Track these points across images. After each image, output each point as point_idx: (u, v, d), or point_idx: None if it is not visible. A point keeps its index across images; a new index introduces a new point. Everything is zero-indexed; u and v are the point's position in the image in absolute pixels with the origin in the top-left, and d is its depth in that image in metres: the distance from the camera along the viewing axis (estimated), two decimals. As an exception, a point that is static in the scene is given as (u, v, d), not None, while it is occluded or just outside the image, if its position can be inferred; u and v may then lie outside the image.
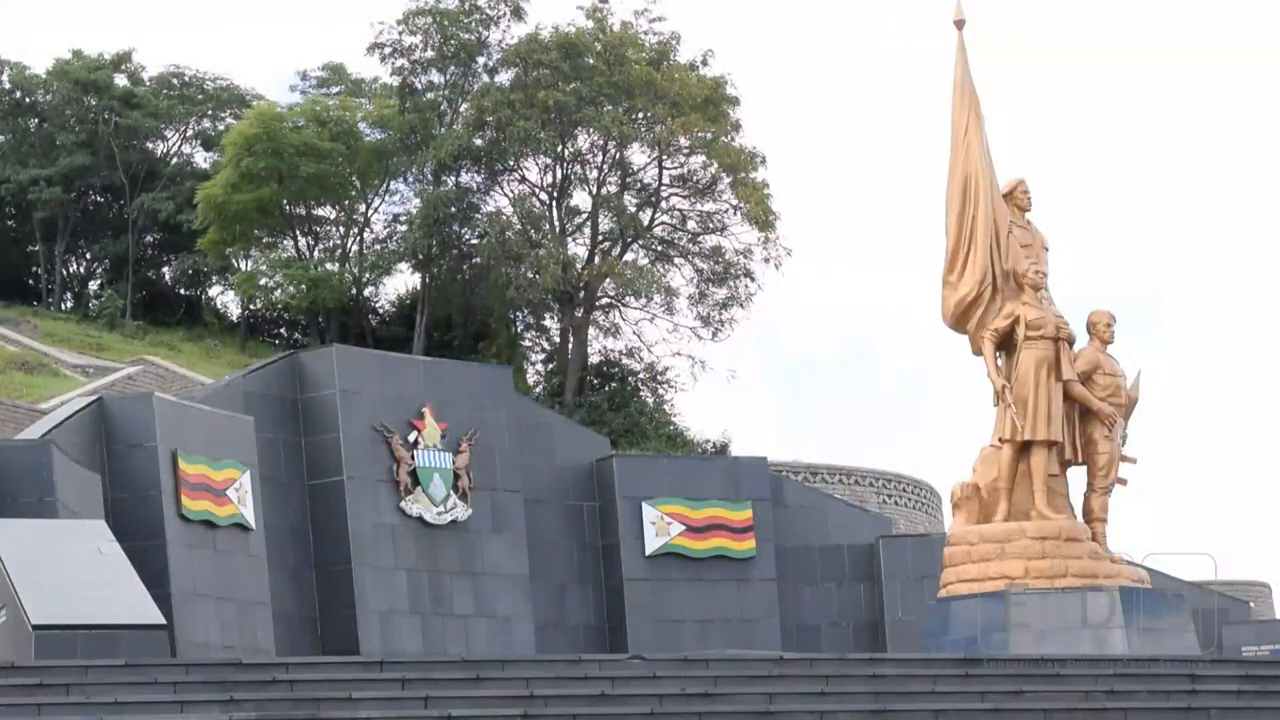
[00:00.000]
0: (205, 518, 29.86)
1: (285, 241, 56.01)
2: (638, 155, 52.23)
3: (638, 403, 51.53)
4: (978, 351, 25.83)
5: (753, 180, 51.26)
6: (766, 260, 51.82)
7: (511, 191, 52.56)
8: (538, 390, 52.04)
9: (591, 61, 51.13)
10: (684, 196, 52.49)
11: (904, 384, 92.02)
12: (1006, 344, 25.57)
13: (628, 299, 51.88)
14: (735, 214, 51.77)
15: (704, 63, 52.52)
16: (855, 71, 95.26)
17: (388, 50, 52.51)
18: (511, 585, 34.63)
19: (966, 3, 26.44)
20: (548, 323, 54.20)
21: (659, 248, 52.34)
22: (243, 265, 56.27)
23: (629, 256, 51.68)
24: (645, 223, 51.96)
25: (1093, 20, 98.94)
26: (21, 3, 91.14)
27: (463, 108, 52.71)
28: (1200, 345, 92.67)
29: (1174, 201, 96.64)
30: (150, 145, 61.68)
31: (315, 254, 55.64)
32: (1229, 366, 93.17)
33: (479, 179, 52.62)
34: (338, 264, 54.98)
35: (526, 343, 55.12)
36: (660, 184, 52.25)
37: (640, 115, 51.12)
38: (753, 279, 51.99)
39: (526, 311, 53.44)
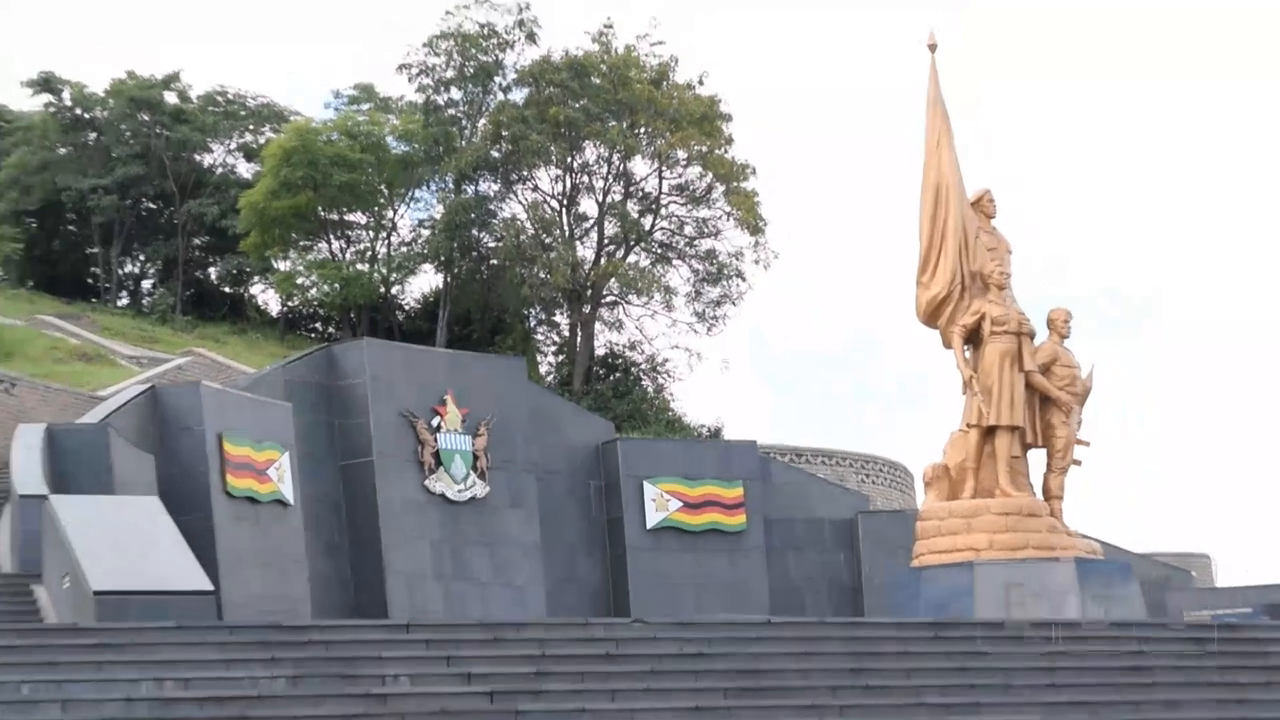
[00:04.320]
0: (248, 494, 29.97)
1: (320, 244, 56.02)
2: (640, 166, 52.34)
3: (639, 391, 51.63)
4: (948, 345, 25.88)
5: (744, 189, 51.32)
6: (756, 262, 51.95)
7: (525, 199, 52.63)
8: (549, 379, 52.11)
9: (598, 81, 51.19)
10: (681, 204, 52.56)
11: (881, 374, 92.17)
12: (974, 338, 25.62)
13: (630, 297, 51.98)
14: (728, 220, 51.88)
15: (700, 82, 52.58)
16: (837, 90, 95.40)
17: (414, 70, 52.56)
18: (526, 554, 34.76)
19: (938, 29, 26.59)
20: (558, 318, 54.29)
21: (659, 250, 52.42)
22: (281, 266, 56.26)
23: (632, 258, 51.75)
24: (646, 228, 52.03)
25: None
26: (82, 28, 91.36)
27: (481, 123, 52.74)
28: (1163, 342, 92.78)
29: (1141, 205, 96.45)
30: (198, 157, 61.65)
31: (347, 255, 55.64)
32: (1181, 362, 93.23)
33: (496, 187, 52.67)
34: (367, 265, 54.99)
35: (539, 336, 55.18)
36: (660, 193, 52.32)
37: (642, 130, 51.19)
38: (744, 279, 52.13)
39: (539, 308, 53.51)
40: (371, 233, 56.24)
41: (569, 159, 51.67)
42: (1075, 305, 26.47)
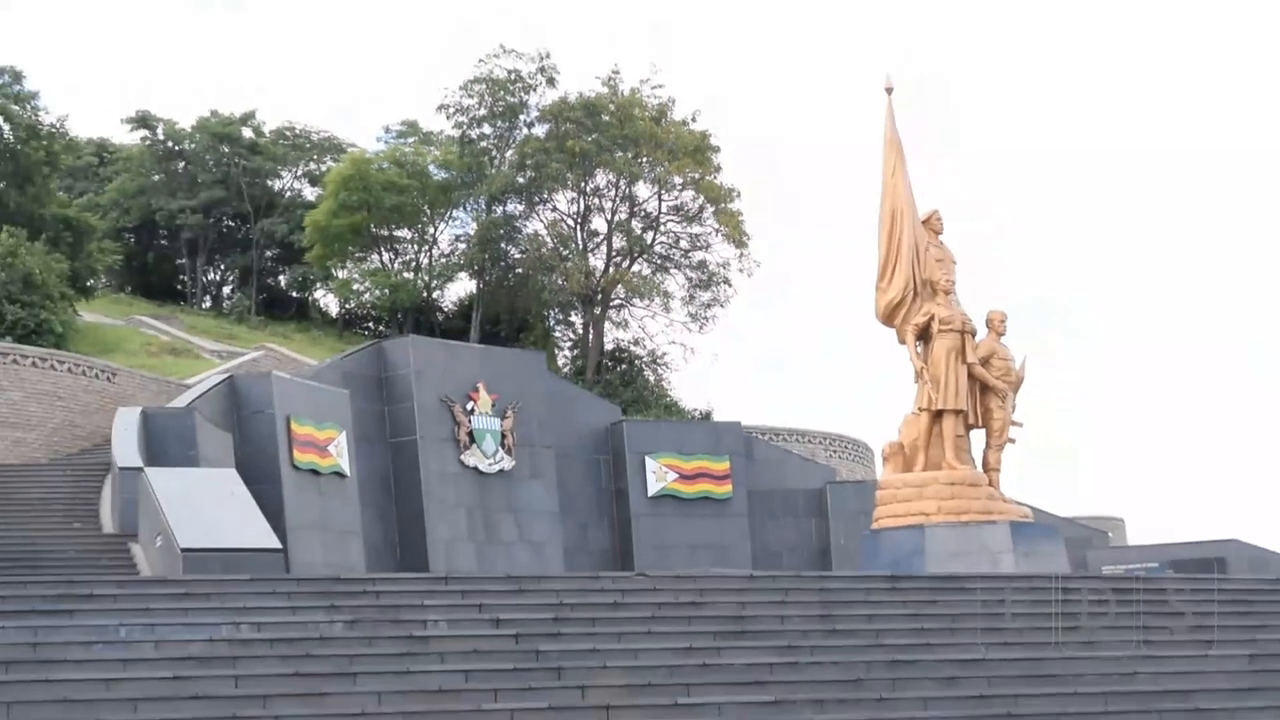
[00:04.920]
0: (311, 467, 29.98)
1: (372, 256, 56.05)
2: (642, 190, 52.27)
3: (642, 380, 51.59)
4: (902, 341, 25.85)
5: (730, 210, 51.27)
6: (741, 271, 51.92)
7: (546, 218, 52.59)
8: (565, 370, 52.06)
9: (607, 118, 51.12)
10: (677, 222, 52.49)
11: (846, 365, 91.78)
12: (924, 335, 25.59)
13: (634, 300, 51.95)
14: (717, 235, 51.82)
15: (693, 119, 52.49)
16: (809, 126, 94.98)
17: (451, 110, 52.51)
18: (545, 519, 34.75)
19: (894, 74, 26.53)
20: (573, 318, 54.22)
21: (658, 261, 52.34)
22: (340, 274, 56.32)
23: (636, 268, 51.69)
24: (648, 242, 51.97)
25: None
26: (174, 75, 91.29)
27: (508, 153, 52.70)
28: (1081, 341, 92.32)
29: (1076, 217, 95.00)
30: (270, 182, 61.66)
31: (395, 265, 55.64)
32: (1097, 360, 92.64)
33: (521, 208, 52.65)
34: (412, 273, 54.99)
35: (557, 334, 55.12)
36: (659, 212, 52.25)
37: (644, 160, 51.13)
38: (730, 285, 52.04)
39: (557, 310, 53.49)
40: (416, 246, 56.26)
41: (583, 184, 51.64)
42: (1010, 308, 26.49)
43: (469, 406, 33.93)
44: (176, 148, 61.29)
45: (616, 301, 52.14)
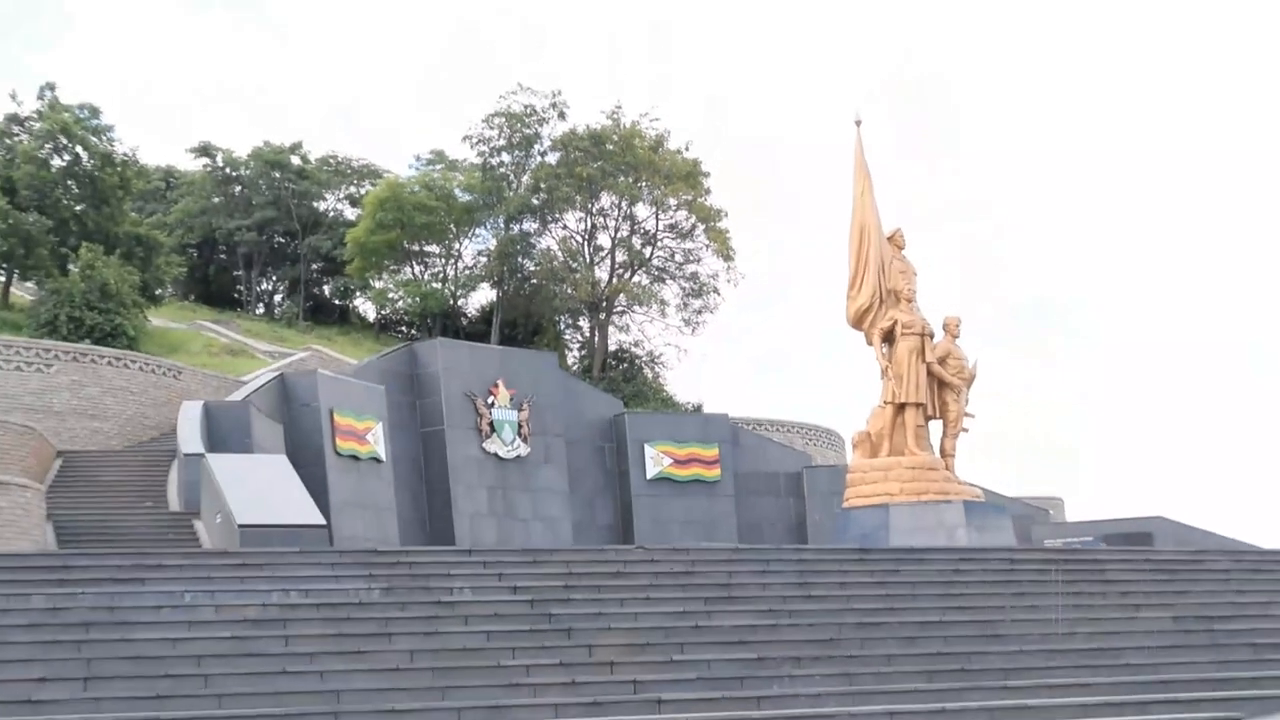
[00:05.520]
0: (352, 454, 30.01)
1: (405, 268, 56.05)
2: (642, 210, 52.33)
3: (641, 377, 51.64)
4: (870, 342, 25.94)
5: (718, 228, 51.37)
6: (728, 282, 52.04)
7: (557, 235, 52.66)
8: (574, 368, 52.08)
9: (611, 147, 51.17)
10: (672, 238, 52.55)
11: (820, 363, 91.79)
12: (889, 337, 25.67)
13: (635, 307, 52.01)
14: (707, 251, 51.90)
15: (686, 148, 52.57)
16: (786, 155, 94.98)
17: (474, 140, 52.60)
18: (557, 498, 34.79)
19: (863, 108, 26.58)
20: (581, 323, 54.27)
21: (656, 273, 52.39)
22: (377, 284, 56.34)
23: (636, 278, 51.72)
24: (647, 256, 52.02)
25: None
26: (231, 111, 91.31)
27: (524, 178, 52.77)
28: (1029, 340, 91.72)
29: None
30: (315, 204, 61.70)
31: (425, 276, 55.65)
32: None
33: (535, 226, 52.69)
34: (440, 283, 54.99)
35: (567, 336, 55.16)
36: (657, 230, 52.32)
37: (643, 184, 51.19)
38: (719, 294, 52.15)
39: (567, 315, 53.53)
40: (443, 260, 56.25)
41: (590, 205, 51.69)
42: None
43: (490, 400, 33.99)
44: (234, 174, 61.32)
45: (619, 308, 52.18)
